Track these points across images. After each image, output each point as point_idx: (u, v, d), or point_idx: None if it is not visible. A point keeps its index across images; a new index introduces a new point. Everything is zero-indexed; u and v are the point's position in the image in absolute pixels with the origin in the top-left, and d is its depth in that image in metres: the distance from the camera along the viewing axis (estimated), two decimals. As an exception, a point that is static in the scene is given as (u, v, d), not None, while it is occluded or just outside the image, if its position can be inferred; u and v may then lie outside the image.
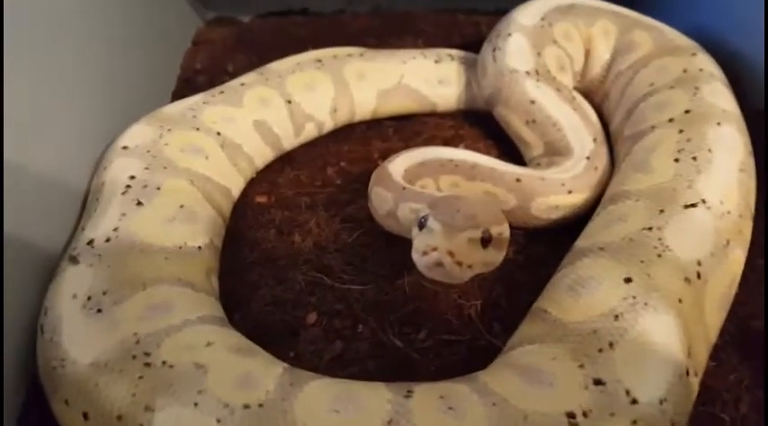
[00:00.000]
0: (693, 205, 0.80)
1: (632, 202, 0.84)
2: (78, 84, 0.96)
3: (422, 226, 0.72)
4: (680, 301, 0.71)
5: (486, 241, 0.70)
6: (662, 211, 0.80)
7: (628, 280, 0.71)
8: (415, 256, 0.69)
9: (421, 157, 0.98)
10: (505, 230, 0.76)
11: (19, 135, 0.79)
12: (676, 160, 0.87)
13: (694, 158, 0.86)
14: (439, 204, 0.75)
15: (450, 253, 0.66)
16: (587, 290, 0.72)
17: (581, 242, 0.83)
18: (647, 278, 0.72)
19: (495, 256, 0.74)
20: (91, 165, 0.95)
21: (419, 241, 0.70)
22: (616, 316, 0.68)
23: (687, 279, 0.73)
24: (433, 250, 0.67)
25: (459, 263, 0.66)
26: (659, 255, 0.74)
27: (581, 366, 0.65)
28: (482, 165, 0.96)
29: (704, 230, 0.78)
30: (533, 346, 0.70)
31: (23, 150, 0.79)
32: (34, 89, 0.84)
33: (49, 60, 0.89)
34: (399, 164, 0.96)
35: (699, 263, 0.75)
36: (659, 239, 0.76)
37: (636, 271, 0.72)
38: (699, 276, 0.74)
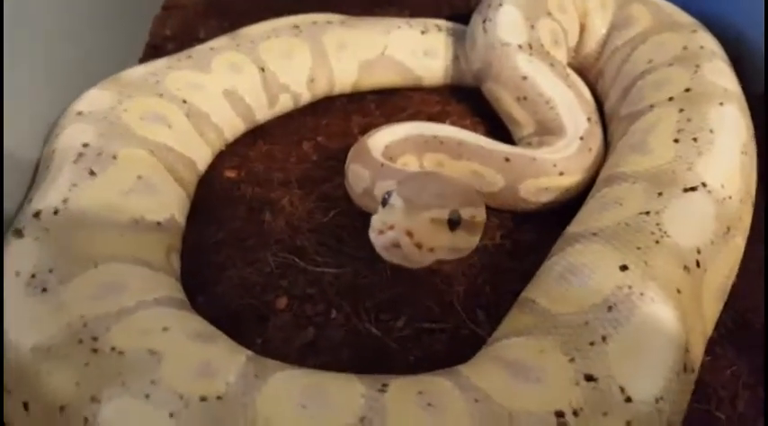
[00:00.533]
0: (693, 188, 0.76)
1: (629, 185, 0.79)
2: (39, 49, 0.89)
3: (384, 202, 0.66)
4: (678, 291, 0.66)
5: (453, 223, 0.66)
6: (660, 194, 0.75)
7: (623, 268, 0.67)
8: (372, 235, 0.63)
9: (404, 133, 0.92)
10: (480, 213, 0.71)
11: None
12: (676, 141, 0.82)
13: (695, 139, 0.81)
14: (408, 180, 0.70)
15: (409, 233, 0.60)
16: (579, 279, 0.68)
17: (573, 227, 0.79)
18: (644, 266, 0.67)
19: (466, 241, 0.70)
20: (47, 134, 0.87)
21: (376, 218, 0.64)
22: (610, 307, 0.64)
23: (686, 268, 0.69)
24: (389, 228, 0.61)
25: (419, 245, 0.61)
26: (657, 242, 0.70)
27: (571, 360, 0.61)
28: (469, 143, 0.91)
29: (704, 216, 0.74)
30: (520, 338, 0.66)
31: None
32: None
33: (10, 21, 0.81)
34: (380, 140, 0.90)
35: (698, 251, 0.70)
36: (657, 224, 0.71)
37: (632, 259, 0.68)
38: (698, 264, 0.70)
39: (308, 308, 0.80)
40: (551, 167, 0.88)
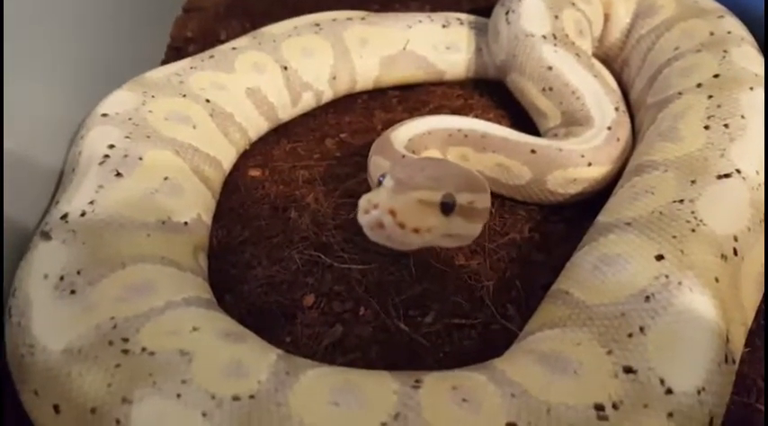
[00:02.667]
0: (727, 175, 0.74)
1: (660, 173, 0.77)
2: (63, 52, 0.90)
3: (379, 184, 0.65)
4: (716, 280, 0.64)
5: (447, 206, 0.63)
6: (693, 182, 0.73)
7: (659, 258, 0.65)
8: (359, 216, 0.61)
9: (427, 126, 0.91)
10: (481, 200, 0.69)
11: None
12: (706, 127, 0.81)
13: (726, 125, 0.80)
14: (407, 163, 0.68)
15: (392, 212, 0.58)
16: (614, 269, 0.66)
17: (604, 217, 0.77)
18: (680, 254, 0.65)
19: (465, 228, 0.67)
20: (72, 135, 0.89)
21: (363, 198, 0.61)
22: (647, 298, 0.62)
23: (724, 256, 0.67)
24: (374, 207, 0.59)
25: (402, 225, 0.58)
26: (693, 230, 0.68)
27: (609, 352, 0.59)
28: (493, 135, 0.90)
29: (740, 202, 0.72)
30: (555, 331, 0.64)
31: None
32: (15, 55, 0.78)
33: (33, 25, 0.83)
34: (403, 133, 0.89)
35: (735, 239, 0.69)
36: (692, 212, 0.70)
37: (668, 248, 0.66)
38: (735, 252, 0.68)
39: (335, 305, 0.80)
40: (579, 158, 0.86)
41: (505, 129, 0.92)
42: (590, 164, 0.87)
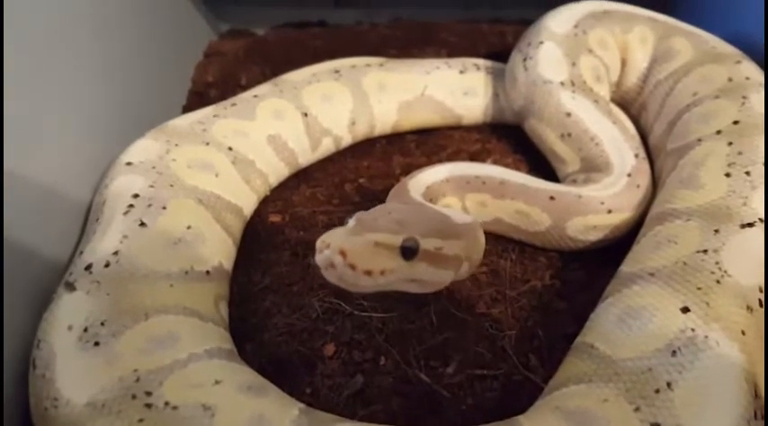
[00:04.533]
0: (751, 224, 0.73)
1: (682, 222, 0.77)
2: (86, 96, 0.92)
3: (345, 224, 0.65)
4: (743, 333, 0.63)
5: (409, 251, 0.62)
6: (717, 231, 0.73)
7: (685, 310, 0.65)
8: (315, 255, 0.61)
9: (445, 174, 0.91)
10: (450, 247, 0.67)
11: (21, 146, 0.75)
12: (728, 175, 0.80)
13: (747, 173, 0.79)
14: (381, 206, 0.68)
15: (342, 253, 0.58)
16: (639, 322, 0.65)
17: (627, 267, 0.76)
18: (706, 307, 0.64)
19: (432, 274, 0.66)
20: (94, 183, 0.90)
21: (320, 237, 0.61)
22: (674, 352, 0.61)
23: (749, 308, 0.66)
24: (327, 247, 0.59)
25: (353, 266, 0.58)
26: (718, 281, 0.67)
27: (636, 409, 0.58)
28: (512, 182, 0.90)
29: (763, 252, 0.71)
30: (580, 386, 0.63)
31: (24, 163, 0.75)
32: (40, 99, 0.80)
33: (58, 70, 0.85)
34: (421, 181, 0.90)
35: (761, 290, 0.67)
36: (716, 263, 0.69)
37: (693, 300, 0.65)
38: (761, 304, 0.67)
39: (356, 355, 0.79)
40: (599, 205, 0.86)
41: (524, 176, 0.92)
42: (610, 211, 0.86)
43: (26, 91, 0.77)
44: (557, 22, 1.05)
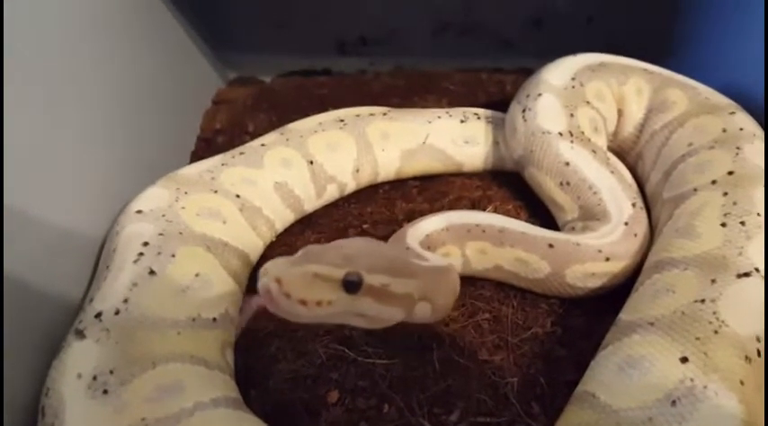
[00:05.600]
0: (747, 274, 0.74)
1: (679, 271, 0.78)
2: (94, 142, 0.94)
3: None
4: (742, 383, 0.64)
5: (351, 284, 0.62)
6: (714, 281, 0.74)
7: (684, 360, 0.65)
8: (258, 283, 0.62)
9: (445, 222, 0.93)
10: (398, 285, 0.67)
11: (28, 194, 0.76)
12: (723, 225, 0.82)
13: (742, 223, 0.81)
14: (337, 242, 0.70)
15: (278, 281, 0.58)
16: (639, 372, 0.66)
17: (626, 315, 0.77)
18: (704, 357, 0.65)
19: (377, 310, 0.66)
20: (103, 228, 0.92)
21: (263, 265, 0.62)
22: (673, 402, 0.62)
23: (747, 358, 0.66)
24: (265, 275, 0.59)
25: (288, 295, 0.58)
26: (716, 331, 0.68)
27: (638, 459, 0.58)
28: (511, 230, 0.91)
29: (760, 302, 0.72)
30: (582, 436, 0.63)
31: (31, 210, 0.77)
32: (47, 146, 0.82)
33: (65, 115, 0.87)
34: (421, 229, 0.91)
35: (758, 339, 0.68)
36: (714, 313, 0.70)
37: (692, 350, 0.66)
38: (759, 353, 0.68)
39: (359, 402, 0.79)
40: (596, 253, 0.88)
41: (523, 224, 0.94)
42: (608, 259, 0.88)
43: (35, 137, 0.80)
44: (554, 74, 1.08)
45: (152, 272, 0.78)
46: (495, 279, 0.94)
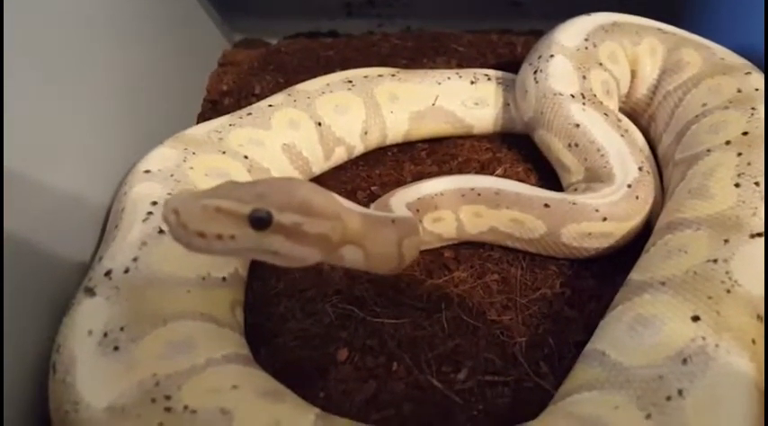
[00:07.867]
0: (760, 234, 0.73)
1: (692, 231, 0.78)
2: (101, 105, 0.93)
3: None
4: (753, 342, 0.64)
5: (259, 221, 0.60)
6: (727, 241, 0.73)
7: (695, 319, 0.65)
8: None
9: (441, 187, 0.92)
10: (312, 225, 0.65)
11: (36, 155, 0.76)
12: (737, 185, 0.81)
13: (756, 183, 0.80)
14: (256, 180, 0.68)
15: (175, 212, 0.57)
16: (650, 330, 0.66)
17: (637, 275, 0.77)
18: (716, 316, 0.65)
19: (289, 248, 0.63)
20: (112, 189, 0.92)
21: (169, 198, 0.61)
22: (684, 360, 0.62)
23: (760, 317, 0.66)
24: (165, 206, 0.58)
25: (185, 226, 0.57)
26: (728, 290, 0.68)
27: (648, 416, 0.59)
28: (506, 191, 0.90)
29: (773, 262, 0.71)
30: (592, 393, 0.64)
31: (39, 170, 0.77)
32: (54, 108, 0.82)
33: (72, 79, 0.86)
34: (413, 192, 0.91)
35: (770, 299, 0.68)
36: (726, 272, 0.69)
37: (704, 309, 0.66)
38: (771, 313, 0.67)
39: (368, 360, 0.80)
40: (593, 212, 0.87)
41: (519, 184, 0.93)
42: (605, 219, 0.86)
43: (44, 100, 0.79)
44: (567, 35, 1.06)
45: (161, 231, 0.77)
46: (490, 241, 0.94)
